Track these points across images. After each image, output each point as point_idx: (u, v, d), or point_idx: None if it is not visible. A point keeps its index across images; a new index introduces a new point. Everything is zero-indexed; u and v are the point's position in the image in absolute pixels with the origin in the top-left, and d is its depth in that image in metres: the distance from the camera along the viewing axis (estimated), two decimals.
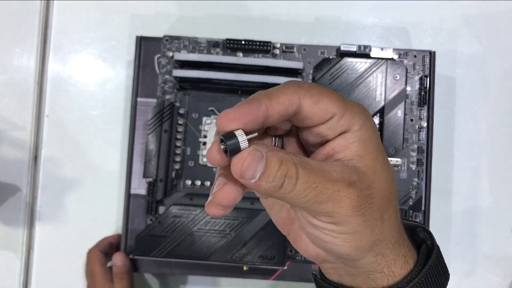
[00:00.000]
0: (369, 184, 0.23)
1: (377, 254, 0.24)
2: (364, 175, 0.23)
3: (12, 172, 0.55)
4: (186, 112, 0.52)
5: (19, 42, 0.56)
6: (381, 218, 0.24)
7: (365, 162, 0.23)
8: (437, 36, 0.56)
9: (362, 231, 0.23)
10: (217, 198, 0.24)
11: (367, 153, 0.24)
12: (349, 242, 0.23)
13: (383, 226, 0.24)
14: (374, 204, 0.23)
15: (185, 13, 0.56)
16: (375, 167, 0.24)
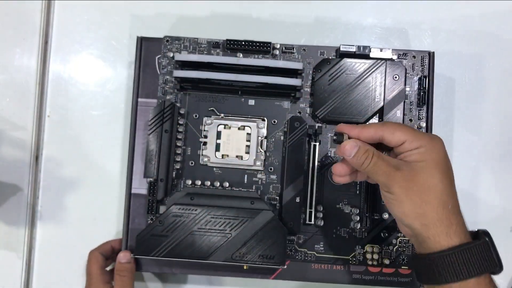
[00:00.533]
0: (414, 174, 0.35)
1: (422, 224, 0.34)
2: (411, 167, 0.35)
3: (13, 172, 0.55)
4: (186, 112, 0.52)
5: (20, 42, 0.57)
6: (421, 199, 0.34)
7: (419, 164, 0.36)
8: (436, 37, 0.56)
9: (404, 201, 0.35)
10: (333, 169, 0.40)
11: (423, 160, 0.36)
12: (397, 208, 0.36)
13: (423, 205, 0.34)
14: (415, 187, 0.35)
15: (186, 14, 0.57)
16: (424, 167, 0.35)
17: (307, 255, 0.51)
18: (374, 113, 0.50)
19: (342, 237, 0.51)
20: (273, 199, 0.51)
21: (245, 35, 0.52)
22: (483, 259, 0.34)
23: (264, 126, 0.51)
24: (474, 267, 0.33)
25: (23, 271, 0.55)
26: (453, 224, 0.34)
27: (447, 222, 0.34)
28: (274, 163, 0.51)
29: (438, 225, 0.34)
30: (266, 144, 0.52)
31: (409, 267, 0.50)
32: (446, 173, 0.36)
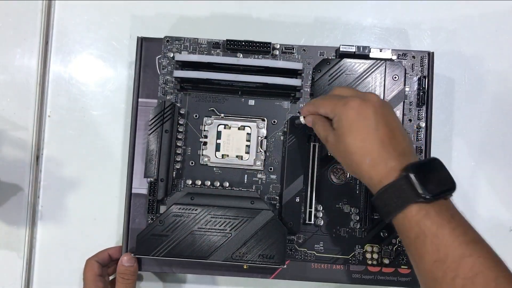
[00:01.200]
0: (336, 140, 0.41)
1: (357, 176, 0.41)
2: (334, 134, 0.41)
3: (14, 172, 0.55)
4: (186, 112, 0.52)
5: (21, 43, 0.57)
6: (345, 160, 0.41)
7: (336, 132, 0.41)
8: (436, 37, 0.56)
9: (339, 159, 0.42)
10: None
11: (337, 128, 0.41)
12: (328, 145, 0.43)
13: (350, 164, 0.40)
14: (338, 152, 0.41)
15: (186, 14, 0.57)
16: (340, 135, 0.40)
17: (307, 255, 0.51)
18: None
19: (342, 236, 0.51)
20: (273, 199, 0.51)
21: (245, 35, 0.52)
22: (404, 191, 0.36)
23: (264, 126, 0.52)
24: (398, 200, 0.36)
25: (23, 270, 0.55)
26: (381, 170, 0.38)
27: (373, 171, 0.38)
28: (274, 163, 0.52)
29: (365, 176, 0.39)
30: (266, 144, 0.52)
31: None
32: (360, 131, 0.39)
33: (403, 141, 0.39)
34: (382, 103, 0.40)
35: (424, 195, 0.35)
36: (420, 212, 0.36)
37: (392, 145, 0.38)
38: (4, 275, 0.55)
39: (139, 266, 0.51)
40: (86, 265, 0.50)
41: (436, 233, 0.35)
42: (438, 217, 0.35)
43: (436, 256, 0.35)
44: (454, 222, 0.35)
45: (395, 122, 0.40)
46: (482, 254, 0.34)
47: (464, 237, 0.35)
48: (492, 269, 0.33)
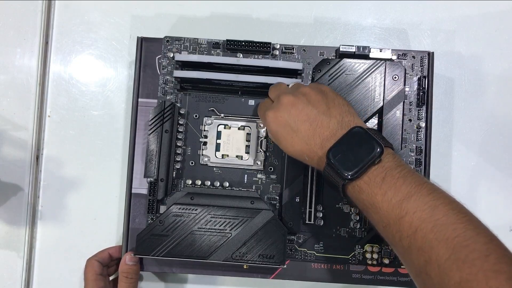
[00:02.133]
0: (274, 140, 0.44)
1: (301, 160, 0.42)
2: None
3: (14, 172, 0.55)
4: (186, 112, 0.52)
5: (21, 43, 0.57)
6: (286, 150, 0.42)
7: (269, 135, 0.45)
8: (436, 37, 0.56)
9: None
10: None
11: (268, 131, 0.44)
12: None
13: (290, 152, 0.42)
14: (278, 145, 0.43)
15: (186, 14, 0.57)
16: (272, 137, 0.44)
17: (307, 255, 0.51)
18: (374, 113, 0.50)
19: (342, 236, 0.51)
20: (273, 199, 0.51)
21: (245, 35, 0.52)
22: (333, 177, 0.38)
23: (264, 126, 0.52)
24: (334, 185, 0.38)
25: (23, 270, 0.55)
26: (316, 161, 0.40)
27: (313, 164, 0.41)
28: (274, 163, 0.52)
29: (306, 159, 0.41)
30: (266, 144, 0.52)
31: None
32: (285, 138, 0.41)
33: (329, 121, 0.40)
34: (293, 101, 0.41)
35: (347, 176, 0.37)
36: (354, 190, 0.37)
37: (315, 137, 0.39)
38: (4, 275, 0.55)
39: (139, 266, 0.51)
40: (86, 264, 0.50)
41: (373, 203, 0.36)
42: (369, 188, 0.36)
43: (382, 223, 0.36)
44: (385, 185, 0.35)
45: (316, 108, 0.40)
46: (418, 208, 0.34)
47: (396, 197, 0.35)
48: (428, 220, 0.33)
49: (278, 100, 0.42)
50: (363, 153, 0.37)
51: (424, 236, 0.32)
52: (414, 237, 0.33)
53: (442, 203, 0.34)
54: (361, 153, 0.37)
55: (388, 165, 0.37)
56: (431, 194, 0.34)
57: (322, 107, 0.40)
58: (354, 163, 0.36)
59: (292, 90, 0.44)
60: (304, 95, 0.41)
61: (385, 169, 0.36)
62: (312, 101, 0.41)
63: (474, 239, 0.31)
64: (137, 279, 0.50)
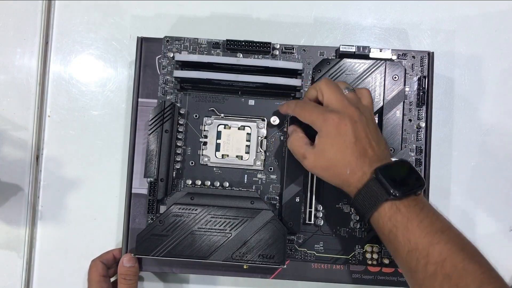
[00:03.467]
0: (316, 157, 0.43)
1: (336, 184, 0.43)
2: (314, 151, 0.43)
3: (14, 172, 0.55)
4: (186, 112, 0.52)
5: (21, 43, 0.57)
6: (326, 173, 0.43)
7: (317, 148, 0.43)
8: (436, 37, 0.56)
9: (308, 158, 0.44)
10: None
11: (318, 144, 0.43)
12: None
13: (329, 178, 0.43)
14: (317, 167, 0.44)
15: (186, 14, 0.57)
16: (319, 151, 0.43)
17: (307, 255, 0.51)
18: (374, 113, 0.50)
19: (342, 236, 0.51)
20: (273, 199, 0.51)
21: (245, 35, 0.52)
22: (375, 192, 0.40)
23: (264, 126, 0.52)
24: (371, 200, 0.40)
25: (23, 270, 0.55)
26: (357, 177, 0.41)
27: (351, 179, 0.41)
28: (274, 163, 0.52)
29: (345, 184, 0.42)
30: (266, 144, 0.52)
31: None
32: (340, 146, 0.42)
33: (378, 148, 0.42)
34: (359, 116, 0.42)
35: (394, 193, 0.39)
36: (391, 209, 0.39)
37: (368, 155, 0.41)
38: (4, 275, 0.55)
39: (139, 266, 0.51)
40: (91, 265, 0.50)
41: (406, 226, 0.38)
42: (407, 212, 0.39)
43: (408, 246, 0.38)
44: (422, 214, 0.39)
45: (371, 133, 0.43)
46: (449, 241, 0.37)
47: (432, 227, 0.38)
48: (459, 253, 0.36)
49: (344, 107, 0.43)
50: (410, 181, 0.40)
51: (454, 266, 0.36)
52: (442, 265, 0.36)
53: (470, 244, 0.38)
54: (408, 181, 0.40)
55: (425, 201, 0.41)
56: (461, 235, 0.39)
57: (377, 133, 0.44)
58: (402, 185, 0.39)
59: (357, 102, 0.44)
60: (365, 115, 0.43)
61: (423, 202, 0.40)
62: (370, 122, 0.43)
63: (498, 279, 0.36)
64: (137, 280, 0.50)
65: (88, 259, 0.51)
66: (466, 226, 0.55)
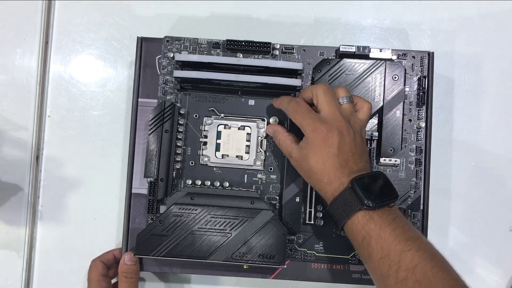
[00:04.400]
0: (301, 158, 0.44)
1: (316, 189, 0.45)
2: (299, 152, 0.45)
3: (14, 172, 0.55)
4: (186, 112, 0.52)
5: (21, 43, 0.57)
6: (307, 177, 0.45)
7: (302, 151, 0.44)
8: (436, 37, 0.56)
9: (293, 157, 0.46)
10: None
11: (303, 148, 0.44)
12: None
13: (309, 181, 0.45)
14: (301, 169, 0.45)
15: (186, 14, 0.57)
16: (304, 155, 0.44)
17: (307, 255, 0.51)
18: (374, 113, 0.50)
19: (342, 236, 0.51)
20: (273, 199, 0.51)
21: (245, 35, 0.52)
22: (350, 201, 0.41)
23: (264, 126, 0.52)
24: (345, 208, 0.41)
25: (23, 270, 0.55)
26: (334, 186, 0.42)
27: (329, 187, 0.43)
28: (274, 163, 0.52)
29: (322, 190, 0.43)
30: (266, 144, 0.52)
31: None
32: (323, 156, 0.43)
33: (360, 161, 0.43)
34: (347, 130, 0.43)
35: (367, 203, 0.40)
36: (365, 217, 0.41)
37: (348, 167, 0.43)
38: (4, 275, 0.55)
39: (140, 266, 0.51)
40: (91, 265, 0.50)
41: (379, 234, 0.40)
42: (380, 220, 0.40)
43: (380, 253, 0.39)
44: (395, 224, 0.40)
45: (356, 147, 0.44)
46: (420, 248, 0.39)
47: (403, 235, 0.39)
48: (429, 260, 0.38)
49: (334, 119, 0.43)
50: (384, 193, 0.42)
51: (424, 272, 0.37)
52: (413, 271, 0.38)
53: (439, 253, 0.40)
54: (382, 193, 0.42)
55: (397, 212, 0.42)
56: (430, 244, 0.40)
57: (362, 147, 0.44)
58: (376, 197, 0.41)
59: (349, 114, 0.45)
60: (354, 129, 0.44)
61: (395, 213, 0.42)
62: (358, 137, 0.44)
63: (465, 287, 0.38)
64: (137, 279, 0.50)
65: (88, 259, 0.51)
66: (466, 226, 0.55)
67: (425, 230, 0.50)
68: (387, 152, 0.50)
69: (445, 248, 0.55)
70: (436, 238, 0.54)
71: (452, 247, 0.55)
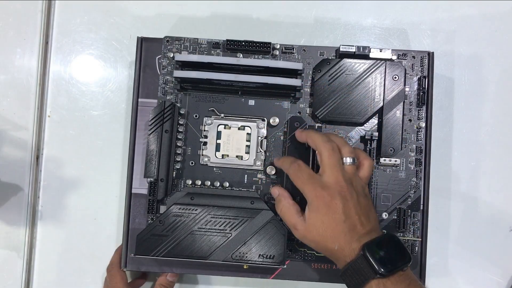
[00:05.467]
0: (305, 229, 0.44)
1: (327, 255, 0.44)
2: (304, 224, 0.44)
3: (14, 172, 0.55)
4: (186, 112, 0.52)
5: (21, 43, 0.57)
6: (314, 244, 0.44)
7: (308, 222, 0.44)
8: (436, 37, 0.56)
9: (298, 229, 0.45)
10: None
11: (309, 218, 0.44)
12: None
13: (317, 247, 0.44)
14: (306, 240, 0.44)
15: (186, 14, 0.57)
16: (308, 227, 0.44)
17: (307, 255, 0.51)
18: (374, 113, 0.50)
19: None
20: (273, 199, 0.51)
21: (245, 35, 0.52)
22: (362, 270, 0.40)
23: (264, 126, 0.52)
24: (359, 277, 0.41)
25: (23, 270, 0.55)
26: (346, 252, 0.42)
27: (340, 254, 0.42)
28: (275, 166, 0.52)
29: (334, 257, 0.43)
30: (266, 144, 0.52)
31: None
32: (330, 224, 0.42)
33: (368, 223, 0.43)
34: (350, 194, 0.43)
35: (380, 271, 0.40)
36: (378, 286, 0.40)
37: (356, 230, 0.42)
38: (4, 275, 0.55)
39: (139, 266, 0.51)
40: (114, 275, 0.51)
41: None
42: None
43: None
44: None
45: (362, 209, 0.43)
46: None
47: None
48: None
49: (336, 183, 0.43)
50: (397, 257, 0.41)
51: None
52: None
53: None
54: (394, 257, 0.41)
55: (411, 276, 0.42)
56: None
57: (367, 207, 0.44)
58: (389, 263, 0.40)
59: (351, 176, 0.44)
60: (357, 190, 0.44)
61: (409, 278, 0.41)
62: (361, 198, 0.44)
63: None
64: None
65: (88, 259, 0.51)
66: (466, 226, 0.55)
67: (425, 230, 0.50)
68: (387, 152, 0.50)
69: (445, 248, 0.55)
70: (436, 238, 0.54)
71: (452, 247, 0.55)
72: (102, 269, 0.54)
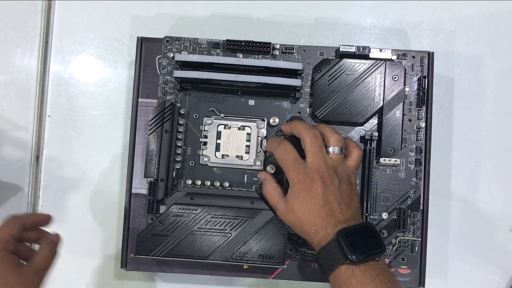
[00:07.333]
0: (285, 210, 0.45)
1: (304, 237, 0.45)
2: (285, 205, 0.45)
3: (14, 172, 0.55)
4: (186, 112, 0.52)
5: (21, 43, 0.57)
6: (293, 226, 0.45)
7: (288, 203, 0.45)
8: (436, 37, 0.56)
9: (279, 210, 0.47)
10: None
11: (288, 199, 0.45)
12: None
13: (295, 228, 0.45)
14: (286, 221, 0.46)
15: (186, 14, 0.57)
16: (288, 209, 0.45)
17: (307, 255, 0.51)
18: (374, 113, 0.50)
19: None
20: None
21: (245, 35, 0.52)
22: (334, 254, 0.41)
23: (264, 126, 0.52)
24: (330, 260, 0.42)
25: None
26: (321, 236, 0.43)
27: (315, 237, 0.43)
28: (274, 163, 0.52)
29: (309, 239, 0.44)
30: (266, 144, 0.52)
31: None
32: (308, 207, 0.43)
33: (347, 211, 0.44)
34: (332, 180, 0.44)
35: (351, 257, 0.40)
36: (347, 272, 0.41)
37: (334, 217, 0.43)
38: None
39: (139, 266, 0.51)
40: (7, 221, 0.42)
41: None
42: (362, 277, 0.40)
43: None
44: (378, 280, 0.40)
45: (342, 196, 0.44)
46: None
47: None
48: None
49: (319, 169, 0.44)
50: (370, 246, 0.42)
51: None
52: None
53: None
54: (368, 245, 0.42)
55: (383, 267, 0.42)
56: None
57: (349, 195, 0.45)
58: (361, 250, 0.41)
59: (337, 164, 0.45)
60: (340, 177, 0.45)
61: (380, 268, 0.41)
62: (343, 185, 0.44)
63: None
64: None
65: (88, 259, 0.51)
66: (466, 226, 0.55)
67: (425, 230, 0.50)
68: (387, 152, 0.50)
69: (445, 248, 0.55)
70: (436, 238, 0.54)
71: (452, 247, 0.55)
72: (102, 269, 0.54)
